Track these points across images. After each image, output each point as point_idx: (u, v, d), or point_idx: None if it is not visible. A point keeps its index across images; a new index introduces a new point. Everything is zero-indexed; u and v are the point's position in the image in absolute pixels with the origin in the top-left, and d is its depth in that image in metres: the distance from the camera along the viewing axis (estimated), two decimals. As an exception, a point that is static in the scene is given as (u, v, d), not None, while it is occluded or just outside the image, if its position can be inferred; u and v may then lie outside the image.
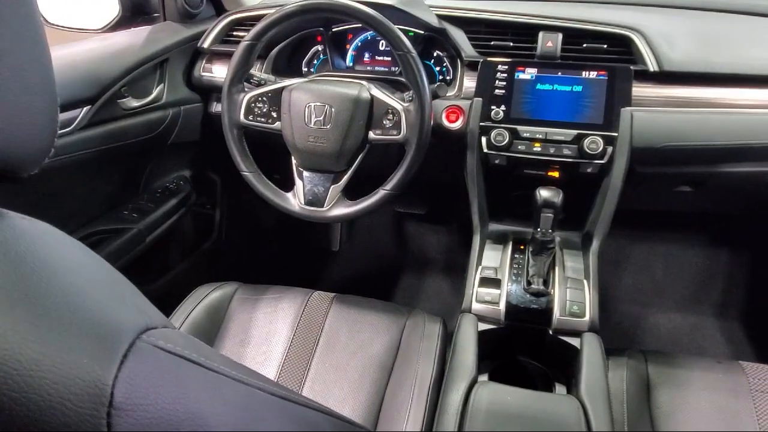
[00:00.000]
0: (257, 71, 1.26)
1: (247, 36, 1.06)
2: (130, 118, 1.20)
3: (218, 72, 1.33)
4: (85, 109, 1.07)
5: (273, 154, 1.19)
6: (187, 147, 1.40)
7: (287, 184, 1.13)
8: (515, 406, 0.74)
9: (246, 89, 1.11)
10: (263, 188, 1.12)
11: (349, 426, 0.46)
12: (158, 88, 1.26)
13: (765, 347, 1.51)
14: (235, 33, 1.32)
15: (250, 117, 1.10)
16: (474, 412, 0.72)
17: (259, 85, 1.13)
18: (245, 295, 1.18)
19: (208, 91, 1.37)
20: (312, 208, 1.09)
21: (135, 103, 1.19)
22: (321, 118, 1.05)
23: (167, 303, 1.12)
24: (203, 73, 1.35)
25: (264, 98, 1.10)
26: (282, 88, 1.09)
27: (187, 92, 1.35)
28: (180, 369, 0.29)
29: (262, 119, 1.10)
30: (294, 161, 1.12)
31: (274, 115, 1.10)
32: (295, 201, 1.11)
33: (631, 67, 1.06)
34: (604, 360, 0.88)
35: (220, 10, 1.43)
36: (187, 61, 1.35)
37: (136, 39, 1.24)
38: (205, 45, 1.32)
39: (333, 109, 1.04)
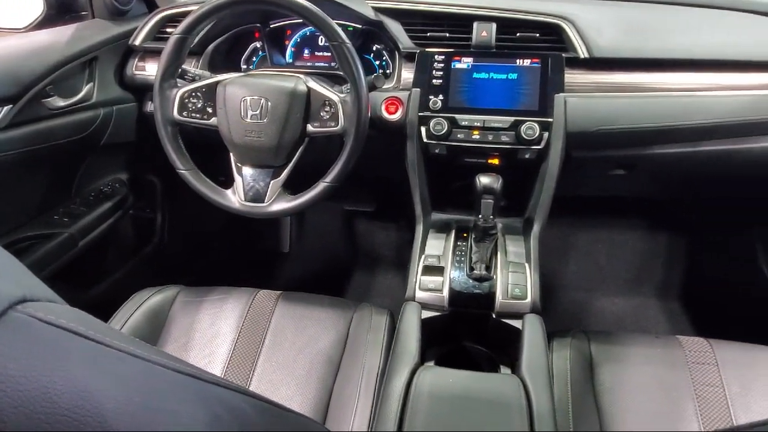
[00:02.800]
0: (192, 68, 1.24)
1: (177, 29, 1.03)
2: (58, 118, 1.14)
3: (151, 70, 1.29)
4: (5, 108, 1.02)
5: (213, 152, 1.16)
6: (123, 148, 1.35)
7: (229, 182, 1.11)
8: (457, 388, 0.74)
9: (179, 85, 1.08)
10: (201, 186, 1.09)
11: (276, 410, 0.45)
12: (87, 88, 1.20)
13: (701, 322, 1.58)
14: (168, 29, 1.28)
15: (185, 113, 1.07)
16: (416, 396, 0.72)
17: (193, 81, 1.10)
18: (187, 298, 1.14)
19: (142, 90, 1.33)
20: (252, 204, 1.07)
21: (62, 102, 1.14)
22: (257, 112, 1.03)
23: (106, 310, 1.08)
24: (136, 72, 1.31)
25: (198, 93, 1.07)
26: (216, 83, 1.06)
27: (120, 91, 1.30)
28: (61, 341, 0.27)
29: (197, 115, 1.07)
30: (232, 157, 1.09)
31: (210, 110, 1.07)
32: (234, 198, 1.08)
33: (563, 55, 1.09)
34: (545, 339, 0.89)
35: (152, 7, 1.39)
36: (119, 59, 1.30)
37: (60, 36, 1.18)
38: (137, 42, 1.28)
39: (269, 103, 1.02)
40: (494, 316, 0.96)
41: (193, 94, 1.06)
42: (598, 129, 1.07)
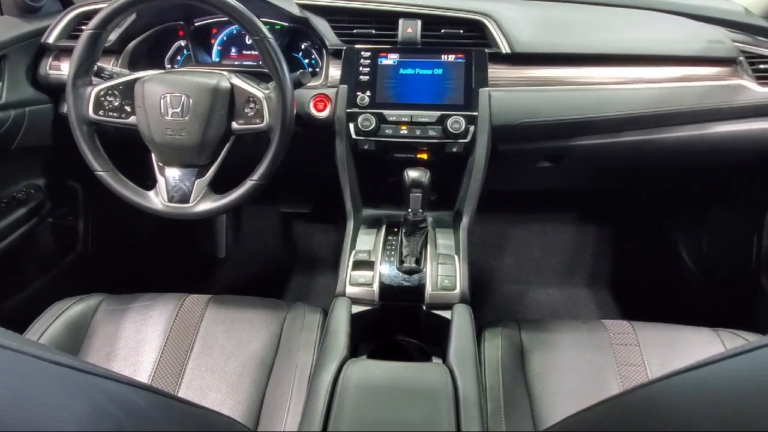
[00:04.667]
0: (111, 66, 1.19)
1: (90, 24, 0.98)
2: (-38, 120, 1.07)
3: (67, 69, 1.22)
4: None
5: (138, 154, 1.11)
6: (38, 152, 1.28)
7: (153, 184, 1.07)
8: (384, 379, 0.73)
9: (95, 83, 1.03)
10: (121, 188, 1.04)
11: (179, 405, 0.43)
12: (-5, 88, 1.13)
13: (627, 306, 1.65)
14: (83, 27, 1.22)
15: (101, 112, 1.02)
16: (343, 389, 0.71)
17: (111, 78, 1.05)
18: (111, 307, 1.09)
19: (58, 91, 1.26)
20: (176, 205, 1.03)
21: (-35, 103, 1.07)
22: (178, 110, 0.99)
23: (23, 322, 1.02)
24: (50, 71, 1.24)
25: (115, 92, 1.02)
26: (135, 80, 1.02)
27: (33, 92, 1.23)
28: None
29: (114, 114, 1.03)
30: (154, 157, 1.05)
31: (128, 109, 1.03)
32: (157, 199, 1.04)
33: (486, 50, 1.12)
34: (472, 328, 0.90)
35: (66, 4, 1.33)
36: (31, 58, 1.23)
37: (-37, 34, 1.11)
38: (50, 40, 1.22)
39: (191, 100, 0.99)
40: (425, 308, 0.96)
41: (110, 92, 1.02)
42: (521, 122, 1.10)
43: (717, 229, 1.53)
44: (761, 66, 1.16)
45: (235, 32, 1.32)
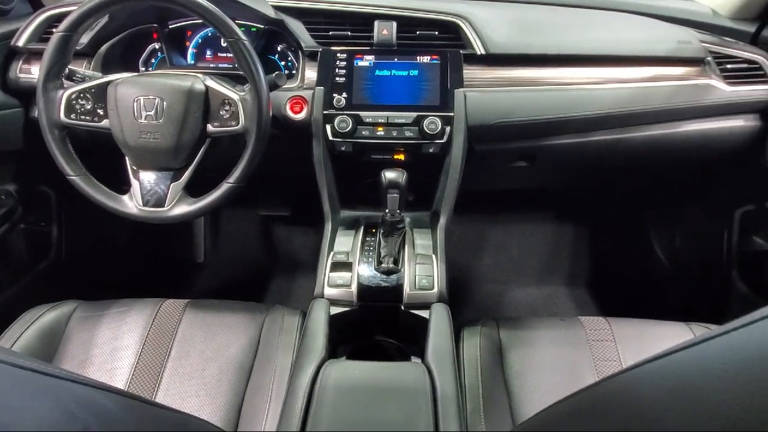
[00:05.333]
0: (83, 69, 1.17)
1: (60, 26, 0.97)
2: (-72, 125, 1.04)
3: (38, 73, 1.20)
4: None
5: (113, 158, 1.10)
6: (8, 157, 1.25)
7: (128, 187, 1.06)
8: (362, 379, 0.74)
9: (66, 86, 1.02)
10: (94, 192, 1.03)
11: (152, 408, 0.42)
12: (-38, 92, 1.11)
13: (603, 304, 1.68)
14: (54, 30, 1.20)
15: (72, 116, 1.01)
16: (321, 390, 0.71)
17: (83, 81, 1.04)
18: (86, 313, 1.07)
19: (29, 95, 1.24)
20: (151, 209, 1.02)
21: (-68, 108, 1.04)
22: (152, 113, 0.98)
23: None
24: (20, 75, 1.22)
25: (87, 95, 1.01)
26: (107, 83, 1.01)
27: (2, 96, 1.20)
28: None
29: (87, 117, 1.01)
30: (128, 161, 1.04)
31: (101, 112, 1.02)
32: (132, 203, 1.03)
33: (461, 51, 1.13)
34: (450, 326, 0.91)
35: (37, 6, 1.30)
36: (0, 61, 1.21)
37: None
38: (20, 43, 1.19)
39: (165, 103, 0.98)
40: (403, 308, 0.96)
41: (82, 95, 1.01)
42: (496, 122, 1.11)
43: (689, 227, 1.56)
44: (728, 66, 1.18)
45: (210, 34, 1.31)
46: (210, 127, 1.01)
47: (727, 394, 0.28)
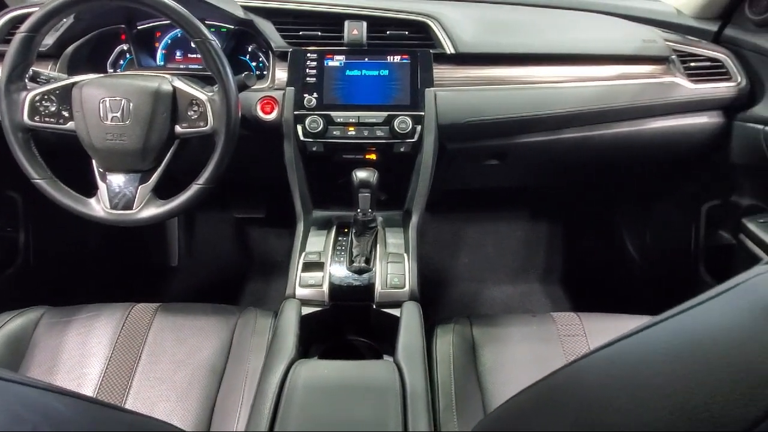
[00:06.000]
0: (48, 71, 1.15)
1: (22, 27, 0.95)
2: None
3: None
4: None
5: (81, 160, 1.08)
6: (-28, 162, 1.22)
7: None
8: (332, 378, 0.73)
9: (29, 88, 1.00)
10: (60, 196, 1.01)
11: (109, 411, 0.42)
12: None
13: (576, 299, 1.70)
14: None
15: (37, 118, 0.99)
16: (290, 391, 0.70)
17: (48, 83, 1.02)
18: (54, 319, 1.05)
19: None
20: (120, 212, 1.01)
21: None
22: (118, 114, 0.97)
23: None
24: (-17, 77, 1.19)
25: (51, 96, 0.99)
26: (72, 85, 0.99)
27: (-36, 99, 1.17)
28: None
29: (51, 120, 0.99)
30: (95, 163, 1.03)
31: (66, 114, 1.00)
32: (99, 206, 1.02)
33: (431, 51, 1.13)
34: (421, 324, 0.91)
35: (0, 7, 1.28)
36: (-38, 64, 1.18)
37: None
38: (-18, 45, 1.17)
39: (131, 104, 0.97)
40: (374, 306, 0.97)
41: (46, 97, 0.99)
42: (467, 120, 1.12)
43: (658, 222, 1.59)
44: (692, 64, 1.21)
45: (180, 35, 1.30)
46: (178, 128, 1.00)
47: (667, 377, 0.29)
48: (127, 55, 1.28)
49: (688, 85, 1.19)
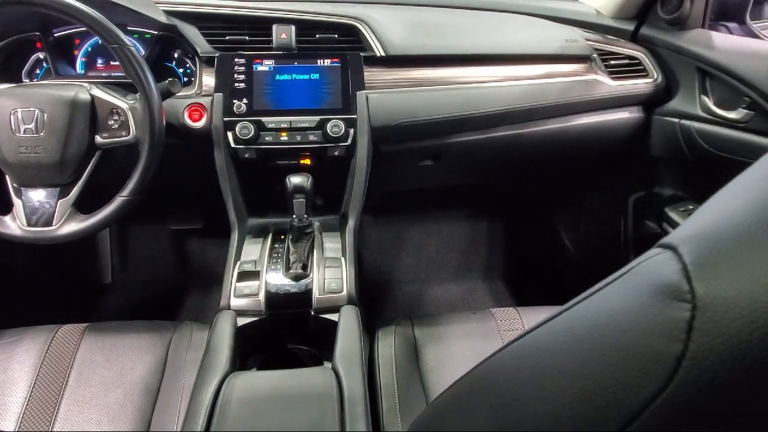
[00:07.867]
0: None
1: None
2: None
3: None
4: None
5: None
6: None
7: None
8: (266, 388, 0.72)
9: (-70, 101, 0.93)
10: (-30, 215, 0.94)
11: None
12: None
13: (518, 294, 1.74)
14: None
15: (-60, 133, 0.92)
16: (223, 405, 0.68)
17: (-47, 96, 0.95)
18: (-30, 347, 0.98)
19: None
20: (38, 229, 0.95)
21: None
22: (32, 126, 0.92)
23: None
24: None
25: (-45, 109, 0.93)
26: None
27: None
28: None
29: None
30: (8, 179, 0.97)
31: (-27, 127, 0.94)
32: (15, 224, 0.96)
33: (361, 54, 1.13)
34: (359, 327, 0.90)
35: None
36: None
37: None
38: None
39: (46, 115, 0.92)
40: (313, 313, 0.95)
41: None
42: (399, 122, 1.13)
43: (591, 215, 1.64)
44: (612, 62, 1.26)
45: (100, 42, 1.24)
46: (99, 139, 0.96)
47: (570, 365, 0.30)
48: (44, 64, 1.22)
49: (609, 82, 1.24)
